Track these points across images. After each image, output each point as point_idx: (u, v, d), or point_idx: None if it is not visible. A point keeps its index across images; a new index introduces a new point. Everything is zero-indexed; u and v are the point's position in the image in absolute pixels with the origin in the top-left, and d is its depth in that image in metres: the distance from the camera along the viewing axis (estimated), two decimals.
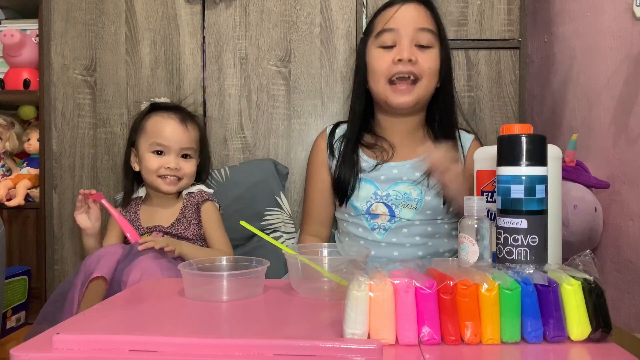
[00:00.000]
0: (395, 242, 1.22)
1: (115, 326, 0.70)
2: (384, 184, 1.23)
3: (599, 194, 1.37)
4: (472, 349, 0.61)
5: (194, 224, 1.36)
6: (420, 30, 1.17)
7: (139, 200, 1.43)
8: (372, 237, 1.23)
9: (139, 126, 1.39)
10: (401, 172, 1.24)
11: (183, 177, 1.37)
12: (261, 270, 0.86)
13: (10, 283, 1.60)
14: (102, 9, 1.64)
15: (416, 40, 1.17)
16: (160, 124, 1.36)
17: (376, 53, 1.22)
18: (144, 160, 1.36)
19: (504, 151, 0.73)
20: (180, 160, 1.36)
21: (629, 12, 1.27)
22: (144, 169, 1.37)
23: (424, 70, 1.17)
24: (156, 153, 1.35)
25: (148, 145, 1.36)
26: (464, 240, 0.76)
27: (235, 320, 0.74)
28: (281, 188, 1.58)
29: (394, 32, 1.18)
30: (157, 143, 1.35)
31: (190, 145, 1.38)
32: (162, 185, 1.35)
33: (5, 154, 1.86)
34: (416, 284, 0.62)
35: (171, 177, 1.35)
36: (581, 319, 0.62)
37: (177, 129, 1.36)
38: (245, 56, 1.63)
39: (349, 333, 0.61)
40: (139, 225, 1.37)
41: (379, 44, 1.21)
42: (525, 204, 0.70)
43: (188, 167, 1.37)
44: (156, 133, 1.35)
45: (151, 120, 1.38)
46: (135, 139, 1.40)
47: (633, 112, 1.26)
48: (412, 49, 1.17)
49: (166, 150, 1.35)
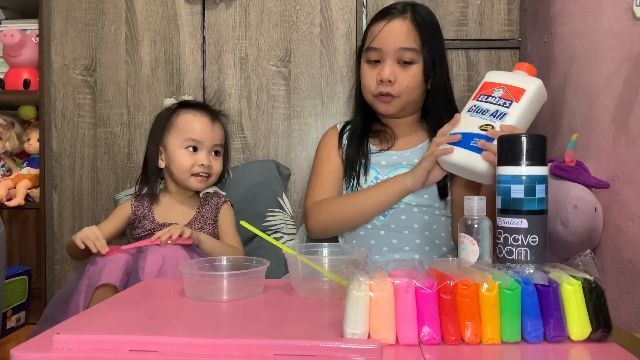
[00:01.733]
0: (394, 229, 1.24)
1: (115, 326, 0.70)
2: (384, 168, 1.29)
3: (599, 194, 1.37)
4: (472, 348, 0.61)
5: (209, 223, 1.37)
6: (402, 50, 1.24)
7: (155, 195, 1.41)
8: (371, 223, 1.26)
9: (167, 123, 1.37)
10: (400, 158, 1.30)
11: (212, 174, 1.37)
12: (261, 270, 0.86)
13: (10, 283, 1.60)
14: (102, 9, 1.64)
15: (399, 58, 1.25)
16: (193, 120, 1.35)
17: (365, 68, 1.30)
18: (177, 157, 1.34)
19: (504, 151, 0.73)
20: (211, 157, 1.36)
21: (629, 12, 1.27)
22: (176, 166, 1.35)
23: (401, 89, 1.25)
24: (191, 149, 1.34)
25: (181, 142, 1.34)
26: (464, 240, 0.76)
27: (236, 320, 0.74)
28: (283, 189, 1.58)
29: (378, 51, 1.26)
30: (191, 139, 1.34)
31: (221, 142, 1.39)
32: (195, 183, 1.35)
33: (5, 154, 1.86)
34: (416, 284, 0.62)
35: (202, 175, 1.34)
36: (581, 319, 0.61)
37: (209, 125, 1.36)
38: (245, 56, 1.63)
39: (349, 333, 0.61)
40: (152, 220, 1.35)
41: (366, 58, 1.29)
42: (526, 203, 0.70)
43: (217, 165, 1.38)
44: (189, 129, 1.34)
45: (182, 117, 1.37)
46: (162, 136, 1.37)
47: (633, 112, 1.26)
48: (393, 68, 1.25)
49: (199, 147, 1.34)
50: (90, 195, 1.65)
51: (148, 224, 1.34)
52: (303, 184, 1.63)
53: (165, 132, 1.37)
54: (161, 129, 1.38)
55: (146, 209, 1.37)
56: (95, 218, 1.65)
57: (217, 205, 1.40)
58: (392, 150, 1.32)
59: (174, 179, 1.38)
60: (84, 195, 1.65)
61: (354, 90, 1.62)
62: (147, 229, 1.33)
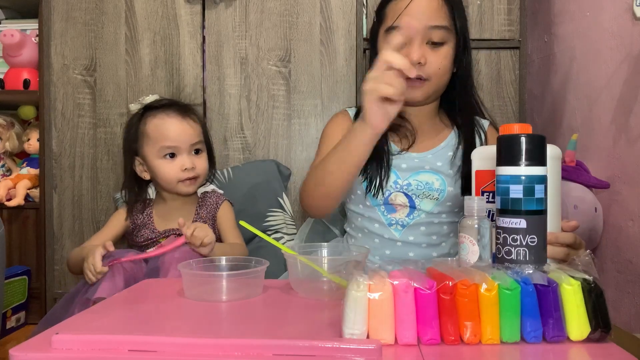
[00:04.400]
0: (412, 242, 1.17)
1: (115, 326, 0.70)
2: (405, 172, 1.17)
3: (599, 194, 1.37)
4: (471, 349, 0.61)
5: (209, 224, 1.31)
6: (432, 28, 1.12)
7: (150, 202, 1.36)
8: (389, 235, 1.18)
9: (138, 133, 1.30)
10: (423, 162, 1.18)
11: (199, 175, 1.31)
12: (260, 270, 0.86)
13: (10, 283, 1.60)
14: (102, 9, 1.64)
15: (427, 38, 1.12)
16: (163, 125, 1.27)
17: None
18: (157, 168, 1.28)
19: (503, 151, 0.73)
20: (193, 158, 1.30)
21: (629, 12, 1.27)
22: (160, 178, 1.29)
23: (433, 71, 1.13)
24: (168, 157, 1.28)
25: (157, 152, 1.27)
26: (464, 240, 0.76)
27: (235, 320, 0.74)
28: (284, 189, 1.58)
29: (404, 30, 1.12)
30: (166, 147, 1.27)
31: (199, 139, 1.31)
32: (183, 188, 1.29)
33: (5, 154, 1.86)
34: (415, 284, 0.61)
35: (189, 179, 1.29)
36: (581, 319, 0.61)
37: (181, 125, 1.28)
38: (245, 56, 1.63)
39: (348, 333, 0.61)
40: (153, 229, 1.31)
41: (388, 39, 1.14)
42: (524, 203, 0.70)
43: (201, 163, 1.31)
44: (161, 136, 1.27)
45: (151, 123, 1.28)
46: (138, 147, 1.31)
47: (633, 112, 1.26)
48: (423, 48, 1.12)
49: (177, 151, 1.28)
50: (90, 195, 1.65)
51: (149, 233, 1.30)
52: None
53: (139, 143, 1.30)
54: (133, 140, 1.31)
55: (145, 217, 1.33)
56: (95, 218, 1.65)
57: (216, 204, 1.35)
58: (414, 152, 1.20)
59: (163, 189, 1.33)
60: (83, 195, 1.65)
61: (354, 88, 1.63)
62: (148, 238, 1.30)
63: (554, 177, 0.83)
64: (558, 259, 0.84)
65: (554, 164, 0.84)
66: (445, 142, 1.21)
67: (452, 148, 1.20)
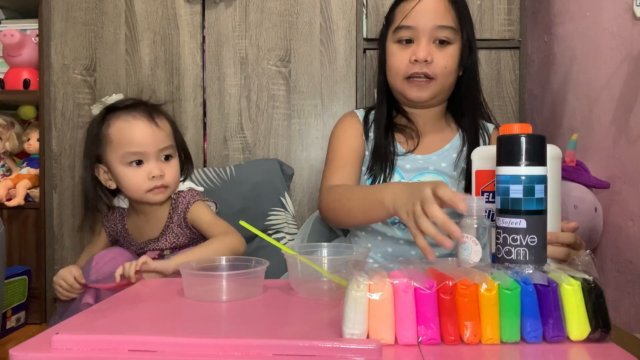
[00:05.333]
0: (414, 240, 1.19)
1: (115, 326, 0.70)
2: (409, 173, 1.20)
3: (599, 194, 1.37)
4: (471, 349, 0.61)
5: (182, 226, 1.22)
6: (439, 28, 1.15)
7: (123, 212, 1.27)
8: (392, 233, 1.19)
9: (100, 137, 1.18)
10: (427, 163, 1.21)
11: (169, 185, 1.19)
12: (260, 270, 0.86)
13: (10, 283, 1.60)
14: (102, 9, 1.64)
15: (434, 37, 1.16)
16: (127, 129, 1.15)
17: (394, 49, 1.20)
18: (122, 177, 1.16)
19: (503, 151, 0.73)
20: (163, 165, 1.18)
21: (629, 12, 1.27)
22: (126, 187, 1.17)
23: (439, 70, 1.16)
24: (134, 164, 1.16)
25: (120, 158, 1.15)
26: (466, 240, 0.76)
27: (235, 320, 0.74)
28: (286, 188, 1.58)
29: (412, 29, 1.17)
30: (130, 153, 1.14)
31: (168, 144, 1.19)
32: (152, 198, 1.18)
33: (5, 154, 1.86)
34: (415, 284, 0.62)
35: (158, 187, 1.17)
36: (580, 319, 0.61)
37: (148, 128, 1.15)
38: (245, 56, 1.63)
39: (348, 333, 0.61)
40: (131, 241, 1.24)
41: (396, 38, 1.20)
42: (524, 203, 0.70)
43: (172, 171, 1.19)
44: (125, 141, 1.14)
45: (114, 126, 1.16)
46: (100, 153, 1.18)
47: (633, 112, 1.26)
48: (429, 48, 1.16)
49: (144, 157, 1.16)
50: None
51: (128, 246, 1.23)
52: (303, 184, 1.63)
53: (101, 149, 1.18)
54: (95, 145, 1.18)
55: (120, 230, 1.26)
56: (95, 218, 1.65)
57: (186, 206, 1.21)
58: (418, 154, 1.22)
59: (130, 199, 1.22)
60: None
61: (354, 88, 1.63)
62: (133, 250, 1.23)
63: (554, 177, 0.83)
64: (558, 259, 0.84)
65: (554, 164, 0.84)
66: (450, 144, 1.23)
67: (456, 150, 1.22)
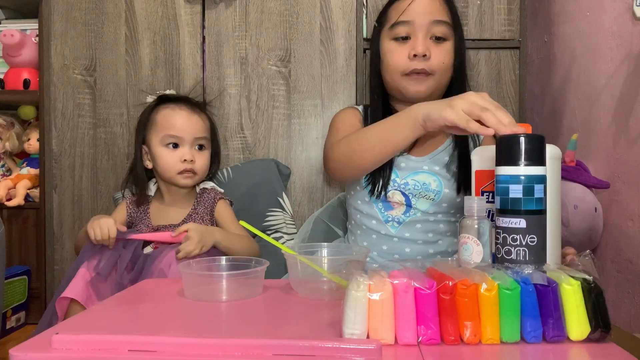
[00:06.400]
0: (408, 238, 1.19)
1: (115, 326, 0.70)
2: (403, 171, 1.21)
3: (599, 194, 1.37)
4: (471, 349, 0.61)
5: (206, 219, 1.33)
6: (435, 23, 1.16)
7: (149, 198, 1.38)
8: (385, 231, 1.20)
9: (148, 120, 1.35)
10: (421, 163, 1.22)
11: (197, 171, 1.33)
12: (260, 271, 0.86)
13: (10, 283, 1.60)
14: (102, 9, 1.64)
15: (431, 33, 1.17)
16: (171, 115, 1.32)
17: (390, 46, 1.21)
18: (158, 156, 1.32)
19: (503, 151, 0.73)
20: (195, 153, 1.32)
21: (629, 12, 1.27)
22: (160, 166, 1.32)
23: (437, 65, 1.17)
24: (171, 146, 1.31)
25: (160, 139, 1.31)
26: (467, 240, 0.76)
27: (235, 320, 0.74)
28: (283, 189, 1.58)
29: (409, 24, 1.17)
30: (170, 135, 1.30)
31: (203, 135, 1.34)
32: (181, 181, 1.32)
33: (5, 154, 1.86)
34: (415, 284, 0.62)
35: (187, 171, 1.31)
36: (580, 319, 0.61)
37: (188, 118, 1.32)
38: (245, 56, 1.63)
39: (348, 333, 0.61)
40: (148, 223, 1.33)
41: (393, 35, 1.20)
42: (524, 203, 0.70)
43: (202, 160, 1.33)
44: (168, 125, 1.31)
45: (161, 112, 1.33)
46: (145, 134, 1.35)
47: (633, 112, 1.26)
48: (427, 42, 1.17)
49: (180, 142, 1.31)
50: (90, 195, 1.65)
51: (143, 228, 1.32)
52: (303, 184, 1.63)
53: (147, 131, 1.34)
54: (143, 128, 1.35)
55: (142, 213, 1.35)
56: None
57: (213, 201, 1.36)
58: (413, 155, 1.23)
59: (162, 179, 1.35)
60: (83, 195, 1.65)
61: (354, 88, 1.62)
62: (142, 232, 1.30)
63: (554, 177, 0.83)
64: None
65: (554, 164, 0.84)
66: (443, 147, 1.24)
67: (448, 152, 1.23)
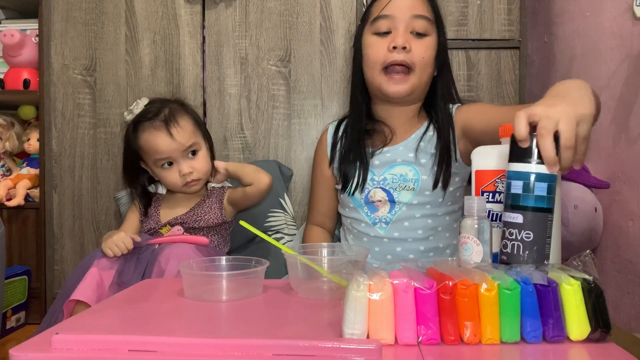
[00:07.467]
0: (398, 237, 1.20)
1: (115, 326, 0.70)
2: (379, 168, 1.22)
3: (599, 194, 1.37)
4: (471, 348, 0.61)
5: (215, 208, 1.34)
6: (415, 17, 1.17)
7: (160, 197, 1.40)
8: (375, 233, 1.21)
9: (135, 146, 1.32)
10: (394, 155, 1.23)
11: (200, 176, 1.32)
12: (260, 270, 0.86)
13: (10, 283, 1.60)
14: (102, 9, 1.64)
15: (411, 27, 1.18)
16: (151, 139, 1.28)
17: (371, 40, 1.22)
18: (160, 176, 1.34)
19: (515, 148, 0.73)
20: (190, 161, 1.31)
21: (629, 12, 1.27)
22: (165, 184, 1.36)
23: (417, 59, 1.17)
24: (166, 164, 1.31)
25: (153, 162, 1.31)
26: (467, 240, 0.76)
27: (235, 320, 0.74)
28: (285, 190, 1.58)
29: (389, 18, 1.18)
30: (159, 159, 1.30)
31: (192, 141, 1.31)
32: (189, 190, 1.34)
33: (5, 154, 1.86)
34: (415, 284, 0.61)
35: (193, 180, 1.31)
36: (580, 319, 0.61)
37: (168, 138, 1.27)
38: (245, 56, 1.63)
39: (348, 333, 0.61)
40: (157, 221, 1.34)
41: (374, 30, 1.21)
42: (522, 199, 0.70)
43: (200, 163, 1.32)
44: (153, 150, 1.29)
45: (142, 138, 1.30)
46: (140, 157, 1.34)
47: (633, 112, 1.26)
48: (407, 36, 1.17)
49: (172, 159, 1.30)
50: (90, 195, 1.65)
51: (152, 224, 1.34)
52: (303, 184, 1.63)
53: (140, 155, 1.33)
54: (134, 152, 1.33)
55: (153, 210, 1.37)
56: (95, 218, 1.65)
57: (222, 192, 1.38)
58: (385, 147, 1.24)
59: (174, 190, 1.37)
60: (83, 195, 1.65)
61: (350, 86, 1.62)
62: (150, 228, 1.33)
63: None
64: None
65: None
66: (416, 134, 1.24)
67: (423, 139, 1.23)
